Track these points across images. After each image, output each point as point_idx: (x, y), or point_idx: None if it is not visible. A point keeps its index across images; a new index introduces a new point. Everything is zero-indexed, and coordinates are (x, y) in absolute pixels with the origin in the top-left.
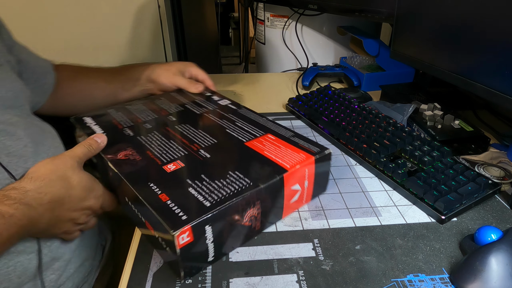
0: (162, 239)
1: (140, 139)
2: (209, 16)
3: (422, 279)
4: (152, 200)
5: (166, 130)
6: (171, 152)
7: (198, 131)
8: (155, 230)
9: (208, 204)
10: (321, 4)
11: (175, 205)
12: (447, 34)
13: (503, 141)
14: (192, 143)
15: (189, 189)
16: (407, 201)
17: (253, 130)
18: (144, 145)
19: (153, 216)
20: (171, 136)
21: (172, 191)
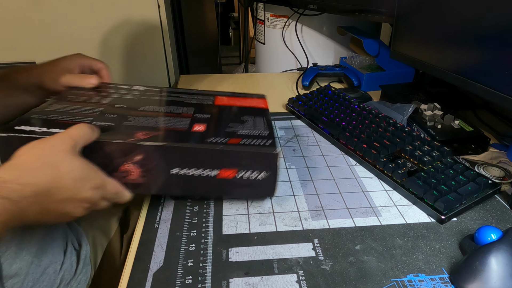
0: (254, 170)
1: (131, 123)
2: (209, 16)
3: (422, 279)
4: (236, 147)
5: (141, 112)
6: (179, 122)
7: (169, 107)
8: (244, 169)
9: (267, 133)
10: (321, 4)
11: (250, 140)
12: (447, 34)
13: (503, 141)
14: (181, 114)
15: (238, 132)
16: (407, 201)
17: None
18: (145, 126)
19: (247, 154)
20: (154, 115)
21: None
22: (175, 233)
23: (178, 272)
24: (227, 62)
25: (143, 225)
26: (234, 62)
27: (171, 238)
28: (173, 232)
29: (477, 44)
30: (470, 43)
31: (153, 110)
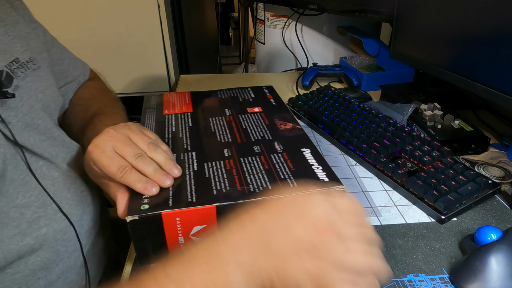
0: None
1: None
2: (209, 16)
3: (422, 279)
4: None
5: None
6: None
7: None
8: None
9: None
10: (321, 4)
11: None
12: (447, 34)
13: (503, 141)
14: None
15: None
16: (407, 201)
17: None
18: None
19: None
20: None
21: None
22: None
23: None
24: (227, 62)
25: None
26: (234, 62)
27: None
28: None
29: (477, 44)
30: (470, 43)
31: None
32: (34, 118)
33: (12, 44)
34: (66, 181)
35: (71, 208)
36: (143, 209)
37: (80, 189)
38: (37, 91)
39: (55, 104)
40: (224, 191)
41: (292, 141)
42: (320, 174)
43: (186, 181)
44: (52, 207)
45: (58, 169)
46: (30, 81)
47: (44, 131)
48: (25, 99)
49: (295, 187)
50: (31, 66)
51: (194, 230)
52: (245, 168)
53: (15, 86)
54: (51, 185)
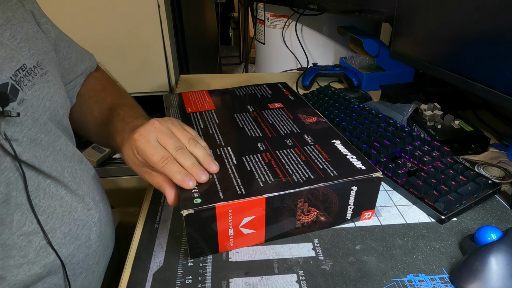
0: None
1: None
2: (209, 16)
3: (422, 279)
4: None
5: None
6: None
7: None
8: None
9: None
10: (321, 4)
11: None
12: (447, 34)
13: (503, 141)
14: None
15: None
16: (407, 201)
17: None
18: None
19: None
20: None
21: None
22: (175, 233)
23: (178, 272)
24: (227, 62)
25: (143, 225)
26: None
27: (171, 238)
28: (173, 232)
29: (477, 43)
30: (470, 43)
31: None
32: (37, 133)
33: (19, 48)
34: (73, 200)
35: (79, 229)
36: (196, 203)
37: (87, 207)
38: (44, 99)
39: (63, 109)
40: (270, 183)
41: (320, 133)
42: (356, 162)
43: (229, 174)
44: (61, 230)
45: (65, 187)
46: (37, 89)
47: (47, 145)
48: (30, 112)
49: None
50: (39, 71)
51: (244, 221)
52: (283, 160)
53: (20, 100)
54: (59, 205)
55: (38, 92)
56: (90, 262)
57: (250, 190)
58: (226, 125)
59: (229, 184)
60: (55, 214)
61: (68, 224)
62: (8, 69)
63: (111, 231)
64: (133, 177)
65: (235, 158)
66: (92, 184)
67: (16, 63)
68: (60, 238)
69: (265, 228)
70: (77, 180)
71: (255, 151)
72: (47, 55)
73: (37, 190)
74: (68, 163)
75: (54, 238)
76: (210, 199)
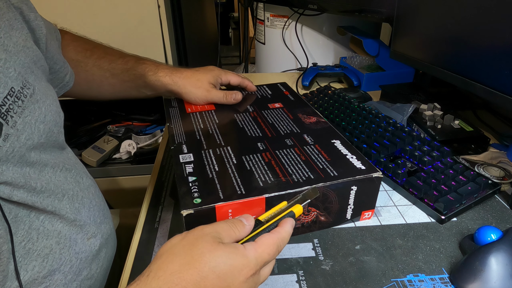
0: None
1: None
2: (209, 16)
3: (422, 279)
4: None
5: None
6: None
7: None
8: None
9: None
10: (321, 4)
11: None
12: (447, 34)
13: (503, 141)
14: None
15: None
16: (407, 201)
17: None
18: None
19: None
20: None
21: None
22: (175, 233)
23: None
24: (227, 62)
25: (143, 225)
26: (234, 62)
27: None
28: (173, 232)
29: (477, 44)
30: (470, 43)
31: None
32: (23, 166)
33: (5, 69)
34: (72, 232)
35: (81, 263)
36: (196, 203)
37: (87, 236)
38: (37, 122)
39: (57, 127)
40: (270, 182)
41: (320, 133)
42: (356, 162)
43: (229, 174)
44: (60, 270)
45: (62, 219)
46: (28, 114)
47: (39, 176)
48: (17, 148)
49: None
50: (27, 92)
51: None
52: (283, 160)
53: (4, 135)
54: (56, 243)
55: (29, 117)
56: (97, 286)
57: (250, 190)
58: (226, 125)
59: (229, 184)
60: (50, 255)
61: (70, 261)
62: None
63: (112, 251)
64: (133, 177)
65: (235, 158)
66: (94, 204)
67: (3, 89)
68: (61, 279)
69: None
70: (77, 205)
71: (255, 151)
72: (35, 65)
73: (28, 233)
74: (69, 186)
75: (52, 281)
76: (210, 199)
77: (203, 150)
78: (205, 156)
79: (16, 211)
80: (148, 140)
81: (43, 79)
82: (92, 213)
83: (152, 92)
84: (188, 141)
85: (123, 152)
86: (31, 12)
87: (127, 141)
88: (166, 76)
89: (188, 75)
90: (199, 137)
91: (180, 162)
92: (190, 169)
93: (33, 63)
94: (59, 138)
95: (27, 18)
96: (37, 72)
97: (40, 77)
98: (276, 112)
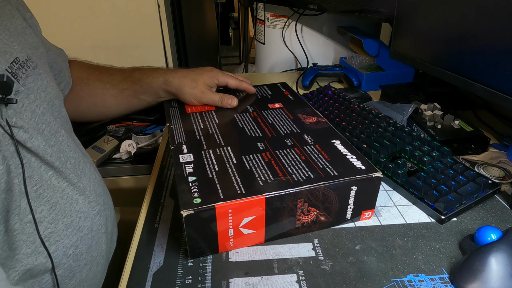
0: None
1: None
2: (209, 16)
3: (422, 279)
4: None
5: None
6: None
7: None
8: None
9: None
10: (321, 4)
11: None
12: (447, 34)
13: (503, 141)
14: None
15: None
16: (407, 201)
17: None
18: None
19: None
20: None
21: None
22: (175, 233)
23: (178, 272)
24: (227, 62)
25: (143, 225)
26: (234, 62)
27: (171, 238)
28: (173, 232)
29: (477, 44)
30: (470, 43)
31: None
32: (38, 123)
33: (10, 43)
34: (74, 192)
35: (81, 220)
36: (196, 203)
37: (88, 199)
38: (39, 90)
39: (58, 100)
40: (270, 182)
41: (320, 133)
42: (356, 162)
43: (229, 174)
44: (63, 221)
45: (66, 179)
46: (31, 81)
47: (49, 135)
48: (27, 103)
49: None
50: (30, 64)
51: (244, 221)
52: (283, 159)
53: (15, 91)
54: (60, 197)
55: (32, 84)
56: (94, 253)
57: (250, 190)
58: (226, 125)
59: (229, 184)
60: (58, 205)
61: (70, 216)
62: (3, 61)
63: (112, 224)
64: (133, 177)
65: (235, 158)
66: (94, 178)
67: (9, 56)
68: (62, 229)
69: (265, 228)
70: (79, 172)
71: (255, 151)
72: (36, 50)
73: (41, 180)
74: (73, 154)
75: (56, 228)
76: (210, 199)
77: (203, 150)
78: (205, 156)
79: (29, 158)
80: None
81: (44, 63)
82: (92, 184)
83: (151, 97)
84: (188, 141)
85: (123, 152)
86: (26, 12)
87: (127, 141)
88: (160, 77)
89: (183, 75)
90: (199, 137)
91: (180, 162)
92: (190, 169)
93: (34, 47)
94: (62, 111)
95: (24, 16)
96: (42, 55)
97: (44, 60)
98: (276, 112)
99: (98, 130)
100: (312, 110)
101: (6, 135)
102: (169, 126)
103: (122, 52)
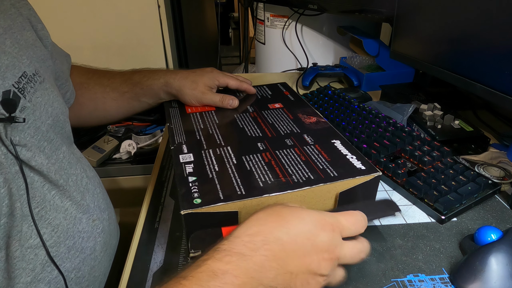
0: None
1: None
2: (209, 16)
3: (422, 279)
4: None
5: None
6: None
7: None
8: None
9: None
10: (321, 4)
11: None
12: (447, 34)
13: (503, 141)
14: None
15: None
16: (407, 201)
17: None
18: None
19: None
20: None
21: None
22: (175, 233)
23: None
24: (227, 62)
25: (143, 225)
26: (234, 62)
27: (171, 238)
28: (173, 232)
29: (477, 44)
30: (470, 42)
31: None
32: (40, 140)
33: (19, 56)
34: (78, 211)
35: (84, 241)
36: (196, 203)
37: (92, 218)
38: (46, 105)
39: (63, 116)
40: (270, 183)
41: (320, 133)
42: (356, 163)
43: (229, 174)
44: (65, 244)
45: (69, 198)
46: (39, 96)
47: (50, 153)
48: (32, 120)
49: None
50: (38, 79)
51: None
52: (283, 160)
53: (21, 107)
54: (63, 218)
55: (40, 98)
56: (96, 274)
57: (250, 190)
58: (226, 125)
59: (229, 184)
60: (60, 227)
61: (73, 237)
62: (10, 77)
63: (115, 240)
64: (133, 177)
65: (235, 158)
66: (97, 192)
67: (17, 71)
68: (64, 252)
69: None
70: (82, 189)
71: (255, 151)
72: (44, 63)
73: (43, 201)
74: (74, 171)
75: (58, 251)
76: (210, 199)
77: (203, 150)
78: (205, 156)
79: (32, 178)
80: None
81: (51, 76)
82: (96, 199)
83: (152, 99)
84: (188, 141)
85: (123, 152)
86: (38, 23)
87: (127, 141)
88: (161, 79)
89: (184, 76)
90: (199, 137)
91: (180, 162)
92: (190, 169)
93: (42, 60)
94: (66, 127)
95: (35, 28)
96: (49, 68)
97: (50, 73)
98: (276, 112)
99: (98, 130)
100: (312, 110)
101: (9, 154)
102: (169, 126)
103: (122, 52)
